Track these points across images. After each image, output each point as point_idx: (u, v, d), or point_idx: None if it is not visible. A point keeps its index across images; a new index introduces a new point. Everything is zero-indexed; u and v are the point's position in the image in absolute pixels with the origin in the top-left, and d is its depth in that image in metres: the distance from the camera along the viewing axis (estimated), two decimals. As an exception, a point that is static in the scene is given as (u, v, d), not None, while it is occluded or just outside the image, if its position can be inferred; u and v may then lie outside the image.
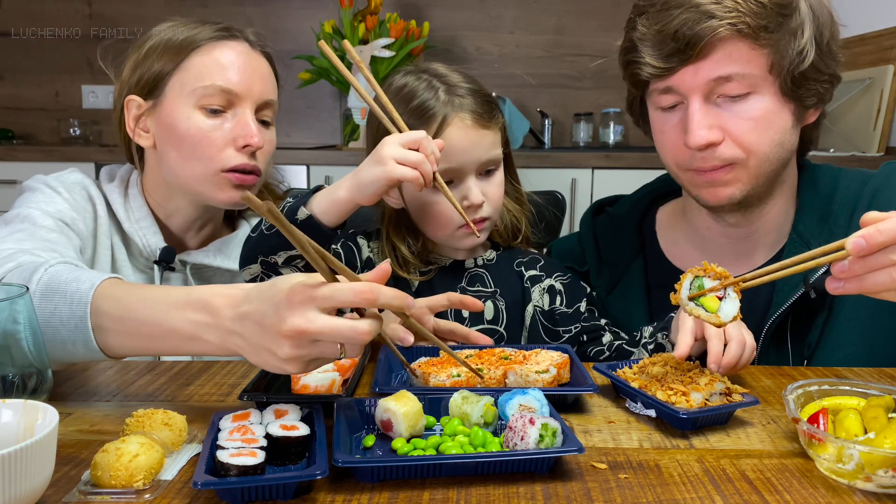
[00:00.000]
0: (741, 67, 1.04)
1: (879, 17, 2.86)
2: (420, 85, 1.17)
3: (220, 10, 3.33)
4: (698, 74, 1.05)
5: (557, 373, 0.92)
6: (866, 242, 0.74)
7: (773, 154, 1.09)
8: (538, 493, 0.68)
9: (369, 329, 0.71)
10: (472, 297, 1.11)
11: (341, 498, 0.67)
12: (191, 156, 1.18)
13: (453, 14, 3.43)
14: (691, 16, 1.02)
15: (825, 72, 1.09)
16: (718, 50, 1.04)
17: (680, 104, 1.10)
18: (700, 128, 1.05)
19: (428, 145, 1.00)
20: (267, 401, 0.82)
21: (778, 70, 1.05)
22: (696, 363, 0.91)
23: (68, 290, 0.85)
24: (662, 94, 1.11)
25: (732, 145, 1.07)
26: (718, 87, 1.05)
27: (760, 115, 1.06)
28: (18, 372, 0.77)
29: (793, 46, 1.04)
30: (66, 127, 3.29)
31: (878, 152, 2.76)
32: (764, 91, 1.06)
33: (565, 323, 1.23)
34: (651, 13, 1.08)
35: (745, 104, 1.06)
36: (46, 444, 0.61)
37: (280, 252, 1.02)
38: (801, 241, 1.16)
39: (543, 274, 1.27)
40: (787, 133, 1.09)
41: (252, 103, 1.19)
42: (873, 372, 1.04)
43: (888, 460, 0.67)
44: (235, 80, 1.17)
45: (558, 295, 1.25)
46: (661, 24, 1.05)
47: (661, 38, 1.05)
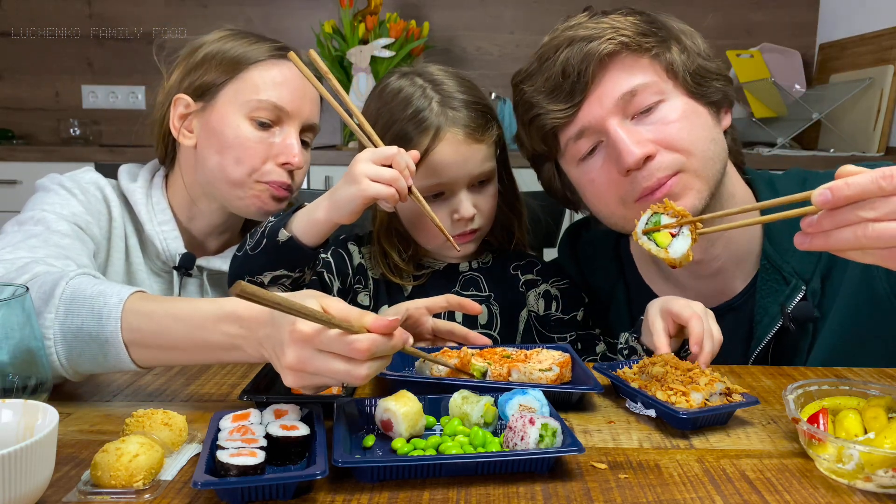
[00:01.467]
0: (639, 77, 1.04)
1: (879, 17, 2.86)
2: (415, 91, 1.16)
3: (220, 10, 3.32)
4: (603, 100, 1.04)
5: (560, 371, 0.92)
6: (832, 195, 0.70)
7: (711, 151, 1.06)
8: (538, 493, 0.68)
9: (366, 374, 0.74)
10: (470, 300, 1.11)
11: (341, 498, 0.67)
12: (231, 161, 1.19)
13: (453, 14, 3.43)
14: (571, 50, 1.04)
15: (715, 71, 1.09)
16: (610, 69, 1.04)
17: (598, 144, 1.08)
18: (631, 145, 1.02)
19: (401, 160, 0.99)
20: (267, 401, 0.82)
21: (674, 72, 1.06)
22: (696, 363, 0.91)
23: (94, 305, 0.85)
24: (577, 140, 1.08)
25: (668, 152, 1.04)
26: (628, 105, 1.04)
27: (680, 115, 1.05)
28: (18, 372, 0.77)
29: (675, 48, 1.06)
30: (66, 127, 3.29)
31: (878, 152, 2.76)
32: (672, 95, 1.06)
33: (560, 330, 1.23)
34: (532, 75, 1.09)
35: (659, 112, 1.05)
36: (46, 444, 0.61)
37: (266, 272, 1.02)
38: (772, 267, 1.11)
39: (540, 279, 1.26)
40: (713, 130, 1.08)
41: (299, 123, 1.22)
42: (873, 372, 1.04)
43: (888, 460, 0.67)
44: (288, 98, 1.20)
45: (554, 301, 1.25)
46: (546, 73, 1.06)
47: (553, 83, 1.05)
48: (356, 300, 1.23)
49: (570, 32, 1.06)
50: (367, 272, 1.24)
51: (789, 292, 1.09)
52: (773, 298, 1.10)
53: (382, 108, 1.17)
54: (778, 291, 1.10)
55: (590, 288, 1.30)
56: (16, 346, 0.77)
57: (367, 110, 1.22)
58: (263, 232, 1.03)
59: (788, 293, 1.09)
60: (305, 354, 0.73)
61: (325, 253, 1.21)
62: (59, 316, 0.85)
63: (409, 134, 1.13)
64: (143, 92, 3.39)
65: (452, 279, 1.25)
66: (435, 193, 1.15)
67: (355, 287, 1.23)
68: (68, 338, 0.85)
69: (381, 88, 1.21)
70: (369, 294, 1.23)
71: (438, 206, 1.16)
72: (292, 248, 1.00)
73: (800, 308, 1.08)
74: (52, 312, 0.86)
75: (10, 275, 0.94)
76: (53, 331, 0.85)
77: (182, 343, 0.83)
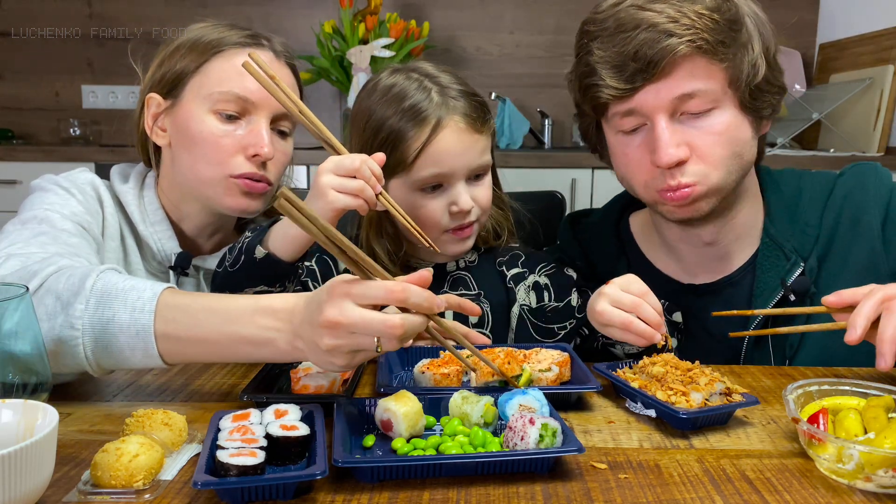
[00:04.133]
0: (703, 84, 1.04)
1: (879, 17, 2.86)
2: (411, 85, 1.15)
3: (220, 10, 3.33)
4: (661, 94, 1.05)
5: (560, 371, 0.92)
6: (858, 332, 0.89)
7: (735, 166, 1.09)
8: (538, 493, 0.68)
9: (401, 323, 0.74)
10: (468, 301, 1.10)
11: (341, 498, 0.67)
12: (201, 159, 1.17)
13: (453, 14, 3.43)
14: (650, 35, 1.02)
15: (775, 83, 1.11)
16: (680, 68, 1.03)
17: (642, 126, 1.09)
18: (669, 146, 1.05)
19: (365, 170, 0.98)
20: (267, 401, 0.82)
21: (736, 84, 1.06)
22: (697, 363, 0.91)
23: (128, 297, 0.85)
24: (624, 116, 1.09)
25: (698, 161, 1.07)
26: (682, 104, 1.05)
27: (724, 129, 1.07)
28: (18, 372, 0.77)
29: (747, 60, 1.06)
30: (66, 127, 3.29)
31: (878, 152, 2.76)
32: (725, 106, 1.07)
33: (559, 319, 1.21)
34: (604, 37, 1.07)
35: (708, 120, 1.06)
36: (46, 444, 0.61)
37: (247, 289, 1.00)
38: (774, 244, 1.18)
39: (526, 270, 1.25)
40: (747, 145, 1.10)
41: (268, 113, 1.18)
42: (873, 372, 1.04)
43: (888, 460, 0.67)
44: (253, 87, 1.15)
45: (545, 290, 1.24)
46: (619, 46, 1.04)
47: (621, 59, 1.04)
48: None
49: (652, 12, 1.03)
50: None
51: (789, 267, 1.15)
52: (773, 273, 1.16)
53: (374, 105, 1.16)
54: (778, 267, 1.16)
55: (593, 269, 1.32)
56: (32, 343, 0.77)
57: (357, 109, 1.20)
58: (241, 248, 1.02)
59: (788, 268, 1.15)
60: (346, 307, 0.74)
61: (308, 262, 1.20)
62: (90, 308, 0.84)
63: (402, 130, 1.11)
64: (143, 92, 3.39)
65: (440, 280, 1.24)
66: (433, 185, 1.14)
67: None
68: (97, 330, 0.84)
69: (372, 86, 1.19)
70: None
71: (436, 198, 1.15)
72: (270, 264, 0.99)
73: (799, 282, 1.13)
74: (82, 304, 0.84)
75: (33, 267, 0.92)
76: (83, 322, 0.84)
77: (214, 336, 0.83)
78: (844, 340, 0.90)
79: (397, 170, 1.13)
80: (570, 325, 1.20)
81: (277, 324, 0.80)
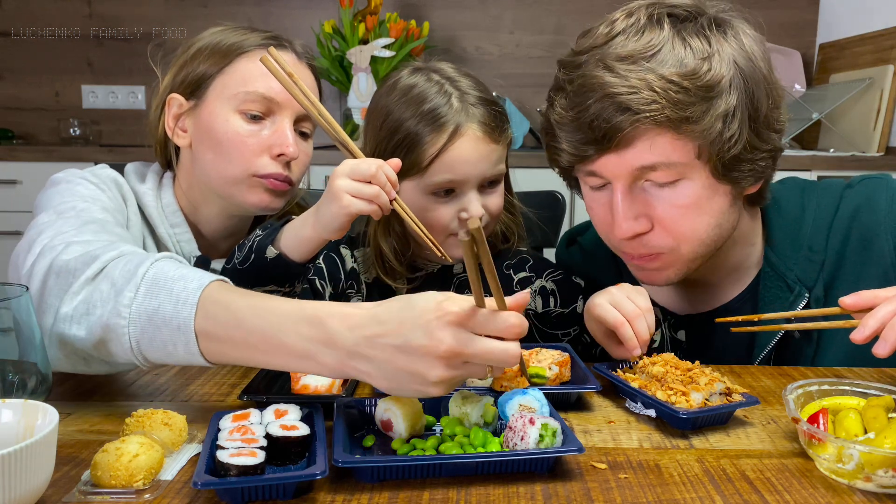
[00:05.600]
0: (665, 157, 0.95)
1: (879, 17, 2.86)
2: (431, 88, 1.13)
3: (219, 9, 3.33)
4: (620, 163, 0.97)
5: (560, 371, 0.92)
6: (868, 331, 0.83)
7: (709, 237, 1.01)
8: (538, 493, 0.68)
9: (518, 352, 0.71)
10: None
11: (341, 498, 0.67)
12: (226, 158, 1.16)
13: (453, 14, 3.43)
14: (605, 106, 0.93)
15: (763, 148, 0.99)
16: (639, 141, 0.94)
17: (608, 184, 1.02)
18: (625, 219, 0.98)
19: (381, 176, 0.97)
20: (267, 401, 0.82)
21: (707, 156, 0.95)
22: (697, 363, 0.91)
23: (174, 288, 0.80)
24: (587, 175, 1.03)
25: (662, 233, 1.00)
26: (643, 174, 0.97)
27: (691, 201, 0.97)
28: (18, 372, 0.77)
29: (723, 132, 0.93)
30: (66, 127, 3.29)
31: (878, 152, 2.76)
32: (694, 176, 0.97)
33: (563, 325, 1.21)
34: (569, 92, 0.99)
35: (673, 191, 0.97)
36: (46, 444, 0.61)
37: (255, 287, 0.98)
38: (775, 274, 1.10)
39: (534, 275, 1.25)
40: (723, 214, 1.01)
41: (292, 113, 1.18)
42: (873, 372, 1.04)
43: (888, 460, 0.67)
44: (278, 88, 1.14)
45: (551, 296, 1.23)
46: (576, 111, 0.97)
47: (578, 125, 0.97)
48: None
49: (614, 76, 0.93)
50: (360, 276, 1.23)
51: (793, 299, 1.08)
52: (776, 305, 1.09)
53: (392, 105, 1.14)
54: (781, 298, 1.09)
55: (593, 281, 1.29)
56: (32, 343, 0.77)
57: (374, 106, 1.19)
58: (251, 247, 1.02)
59: (792, 300, 1.08)
60: (464, 338, 0.68)
61: (316, 261, 1.20)
62: (139, 296, 0.80)
63: (420, 134, 1.10)
64: (143, 92, 3.39)
65: (447, 282, 1.24)
66: (446, 190, 1.13)
67: (348, 291, 1.22)
68: (143, 320, 0.80)
69: (391, 84, 1.18)
70: (362, 298, 1.22)
71: (447, 203, 1.14)
72: (281, 265, 0.99)
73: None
74: (131, 292, 0.81)
75: (96, 252, 0.88)
76: (130, 310, 0.80)
77: (255, 341, 0.76)
78: (850, 337, 0.85)
79: (411, 172, 1.12)
80: (574, 331, 1.20)
81: (323, 337, 0.73)
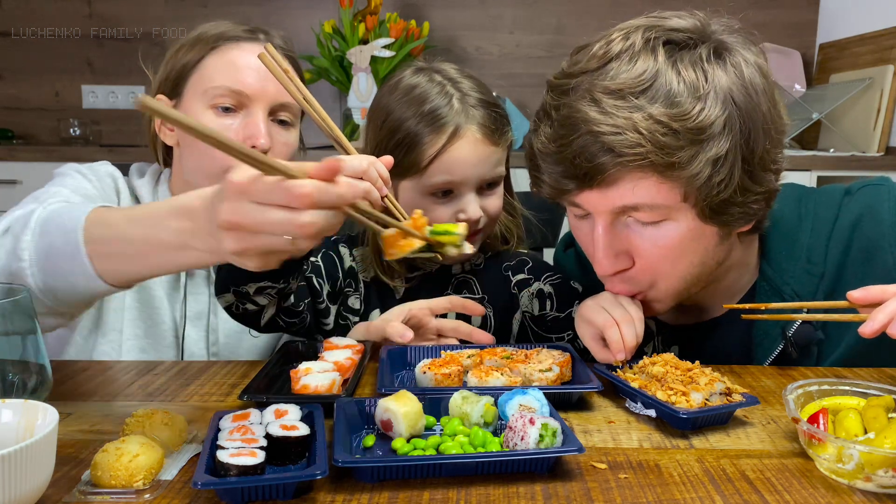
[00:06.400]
0: (649, 199, 0.91)
1: (879, 17, 2.86)
2: (433, 88, 1.14)
3: (219, 9, 3.33)
4: (602, 201, 0.93)
5: (560, 371, 0.92)
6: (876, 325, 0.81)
7: (691, 275, 0.98)
8: (538, 493, 0.68)
9: (309, 222, 0.65)
10: (472, 301, 1.10)
11: (341, 498, 0.67)
12: (201, 154, 1.17)
13: (453, 14, 3.43)
14: (589, 144, 0.89)
15: (756, 191, 0.93)
16: (622, 182, 0.90)
17: (590, 215, 0.98)
18: (606, 256, 0.96)
19: (373, 171, 0.95)
20: (267, 401, 0.82)
21: (694, 199, 0.91)
22: (696, 363, 0.91)
23: (61, 221, 0.85)
24: (570, 205, 1.00)
25: (644, 271, 0.97)
26: (625, 212, 0.94)
27: (675, 243, 0.94)
28: (18, 372, 0.77)
29: (712, 177, 0.88)
30: (66, 127, 3.29)
31: (878, 152, 2.76)
32: (679, 218, 0.93)
33: (558, 329, 1.21)
34: (554, 120, 0.94)
35: (657, 230, 0.94)
36: (46, 444, 0.61)
37: (250, 283, 0.98)
38: (771, 288, 1.07)
39: (532, 277, 1.25)
40: (708, 253, 0.97)
41: (265, 104, 1.17)
42: (873, 372, 1.04)
43: (888, 460, 0.67)
44: (247, 81, 1.15)
45: (548, 299, 1.23)
46: (559, 143, 0.93)
47: (560, 159, 0.93)
48: (347, 303, 1.22)
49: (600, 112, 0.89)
50: (358, 275, 1.23)
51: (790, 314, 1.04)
52: (772, 322, 1.05)
53: (393, 104, 1.15)
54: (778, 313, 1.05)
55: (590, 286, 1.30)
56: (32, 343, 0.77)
57: (376, 105, 1.19)
58: None
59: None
60: (242, 207, 0.65)
61: (314, 257, 1.20)
62: (34, 237, 0.85)
63: (419, 134, 1.11)
64: (143, 92, 3.39)
65: (445, 282, 1.24)
66: (444, 191, 1.14)
67: (346, 290, 1.22)
68: (41, 258, 0.84)
69: (393, 83, 1.18)
70: (360, 297, 1.22)
71: (445, 204, 1.14)
72: None
73: (801, 332, 1.03)
74: (27, 235, 0.85)
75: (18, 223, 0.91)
76: (29, 252, 0.85)
77: (137, 245, 0.79)
78: (858, 331, 0.83)
79: (410, 172, 1.13)
80: (569, 335, 1.20)
81: (190, 224, 0.73)
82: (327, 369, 0.91)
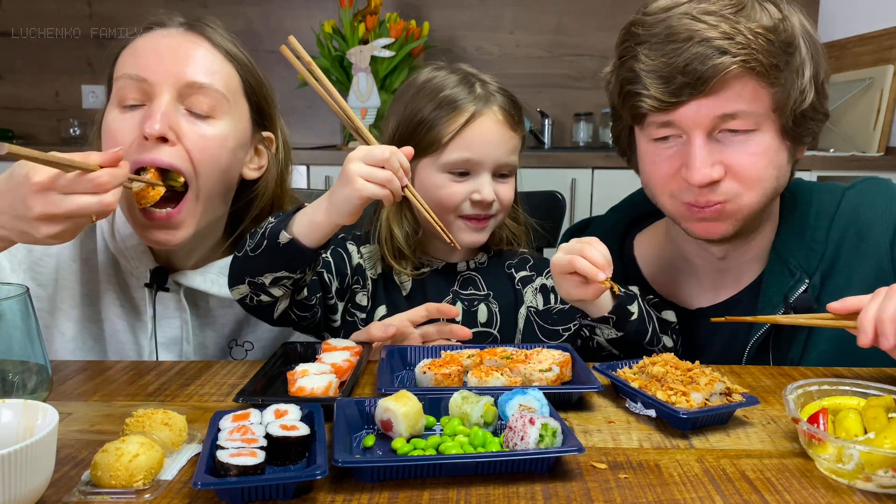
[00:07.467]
0: (748, 105, 1.01)
1: (879, 17, 2.86)
2: (452, 78, 1.20)
3: (219, 9, 3.32)
4: (703, 110, 1.02)
5: (560, 371, 0.92)
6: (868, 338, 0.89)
7: (769, 190, 1.07)
8: (538, 493, 0.68)
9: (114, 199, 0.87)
10: (448, 303, 1.12)
11: (341, 498, 0.67)
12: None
13: (453, 14, 3.43)
14: (702, 50, 0.98)
15: (820, 111, 1.09)
16: (728, 87, 1.00)
17: (676, 136, 1.06)
18: (703, 165, 1.02)
19: (394, 161, 0.97)
20: (263, 403, 0.82)
21: (781, 109, 1.03)
22: (697, 363, 0.91)
23: None
24: (661, 126, 1.07)
25: (732, 182, 1.05)
26: (722, 123, 1.02)
27: (762, 151, 1.04)
28: (18, 372, 0.77)
29: (796, 86, 1.03)
30: (66, 127, 3.29)
31: (878, 152, 2.76)
32: (766, 129, 1.04)
33: (563, 321, 1.22)
34: (653, 43, 1.03)
35: (747, 140, 1.04)
36: (46, 444, 0.61)
37: (267, 274, 1.00)
38: (780, 260, 1.15)
39: (534, 273, 1.28)
40: (782, 169, 1.08)
41: (170, 88, 1.06)
42: (873, 372, 1.04)
43: (888, 460, 0.67)
44: (145, 64, 1.05)
45: (552, 292, 1.25)
46: (668, 57, 1.01)
47: (669, 71, 1.01)
48: (354, 300, 1.23)
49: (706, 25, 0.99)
50: (366, 272, 1.24)
51: (793, 283, 1.13)
52: (777, 289, 1.14)
53: (412, 96, 1.21)
54: (782, 283, 1.14)
55: None
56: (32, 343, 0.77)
57: (395, 100, 1.25)
58: (264, 234, 1.02)
59: (792, 284, 1.13)
60: (52, 200, 0.83)
61: (325, 252, 1.20)
62: None
63: (438, 116, 1.16)
64: (143, 92, 3.39)
65: (451, 278, 1.26)
66: (461, 171, 1.18)
67: (353, 287, 1.23)
68: None
69: (412, 80, 1.25)
70: (367, 294, 1.23)
71: (461, 183, 1.18)
72: (294, 250, 1.00)
73: (801, 299, 1.12)
74: None
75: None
76: None
77: None
78: (858, 345, 0.90)
79: (429, 150, 1.17)
80: (574, 326, 1.21)
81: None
82: (324, 371, 0.91)
